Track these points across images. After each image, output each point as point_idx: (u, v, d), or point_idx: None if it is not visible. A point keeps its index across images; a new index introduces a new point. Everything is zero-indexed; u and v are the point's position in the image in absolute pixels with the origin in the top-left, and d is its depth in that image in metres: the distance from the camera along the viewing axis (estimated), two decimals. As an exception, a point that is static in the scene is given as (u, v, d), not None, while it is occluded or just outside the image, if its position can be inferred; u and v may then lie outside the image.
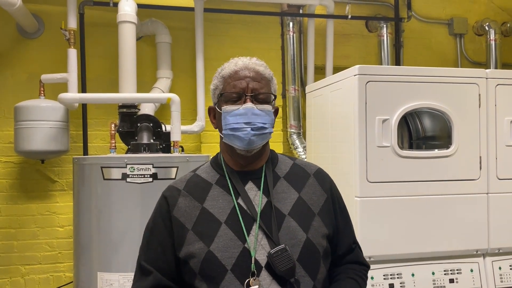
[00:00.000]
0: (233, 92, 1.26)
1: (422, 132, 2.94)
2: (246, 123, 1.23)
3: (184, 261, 1.24)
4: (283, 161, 1.39)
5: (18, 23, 3.41)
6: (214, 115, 1.34)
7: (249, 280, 1.18)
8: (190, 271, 1.23)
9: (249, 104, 1.24)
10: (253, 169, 1.32)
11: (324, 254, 1.28)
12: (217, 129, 1.33)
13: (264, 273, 1.19)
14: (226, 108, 1.26)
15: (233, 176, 1.30)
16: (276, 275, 1.18)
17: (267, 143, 1.33)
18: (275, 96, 1.32)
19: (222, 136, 1.28)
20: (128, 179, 2.47)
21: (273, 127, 1.30)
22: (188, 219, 1.25)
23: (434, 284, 2.40)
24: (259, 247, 1.21)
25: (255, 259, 1.20)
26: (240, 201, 1.26)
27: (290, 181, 1.33)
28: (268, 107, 1.27)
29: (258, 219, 1.23)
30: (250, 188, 1.29)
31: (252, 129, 1.23)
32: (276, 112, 1.34)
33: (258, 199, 1.27)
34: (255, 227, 1.23)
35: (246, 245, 1.21)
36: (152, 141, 2.87)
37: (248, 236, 1.22)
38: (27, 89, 3.46)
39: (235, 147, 1.26)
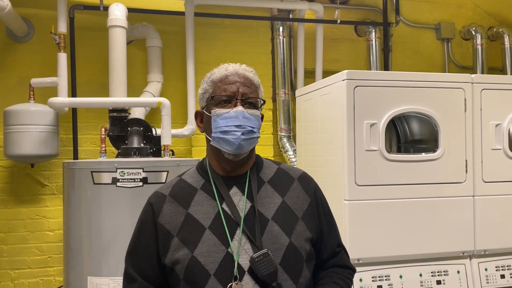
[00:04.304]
0: (223, 95, 1.27)
1: (410, 136, 2.98)
2: (236, 126, 1.24)
3: (169, 268, 1.25)
4: (268, 165, 1.40)
5: (8, 27, 3.39)
6: (201, 119, 1.36)
7: (231, 285, 1.19)
8: (175, 277, 1.24)
9: (240, 108, 1.26)
10: (238, 174, 1.33)
11: (307, 258, 1.29)
12: (204, 133, 1.34)
13: (247, 278, 1.20)
14: (217, 111, 1.27)
15: (218, 181, 1.31)
16: (258, 279, 1.19)
17: (254, 148, 1.34)
18: (264, 102, 1.34)
19: (211, 139, 1.29)
20: (118, 184, 2.47)
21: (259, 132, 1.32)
22: (173, 226, 1.26)
23: (421, 285, 2.43)
24: (242, 251, 1.22)
25: (238, 263, 1.21)
26: (224, 206, 1.27)
27: (275, 186, 1.34)
28: (257, 112, 1.30)
29: (241, 223, 1.24)
30: (235, 193, 1.30)
31: (242, 134, 1.24)
32: (261, 117, 1.36)
33: (242, 204, 1.28)
34: (238, 232, 1.24)
35: (229, 250, 1.22)
36: (142, 145, 2.87)
37: (231, 240, 1.23)
38: (17, 93, 3.45)
39: (224, 150, 1.27)
